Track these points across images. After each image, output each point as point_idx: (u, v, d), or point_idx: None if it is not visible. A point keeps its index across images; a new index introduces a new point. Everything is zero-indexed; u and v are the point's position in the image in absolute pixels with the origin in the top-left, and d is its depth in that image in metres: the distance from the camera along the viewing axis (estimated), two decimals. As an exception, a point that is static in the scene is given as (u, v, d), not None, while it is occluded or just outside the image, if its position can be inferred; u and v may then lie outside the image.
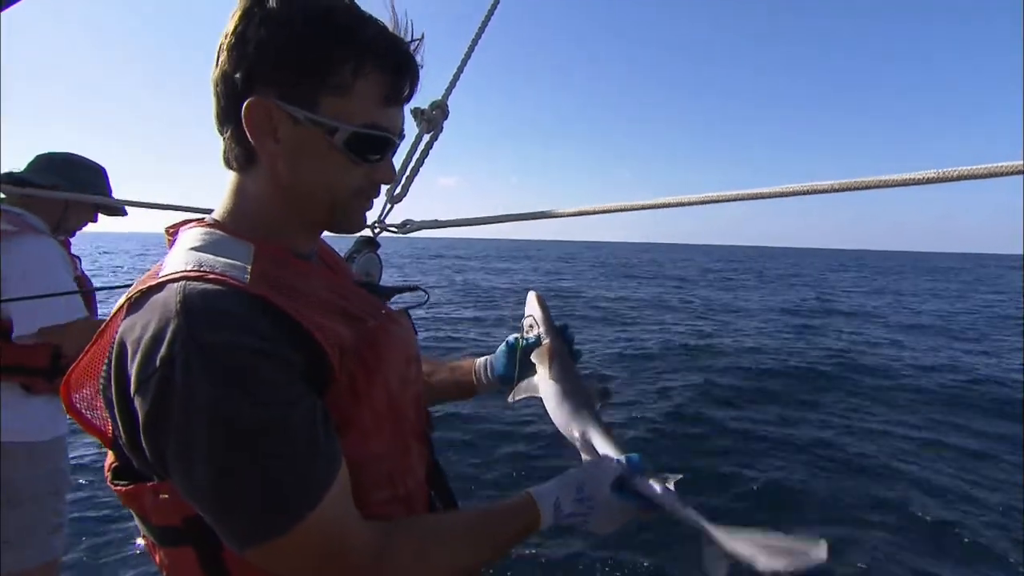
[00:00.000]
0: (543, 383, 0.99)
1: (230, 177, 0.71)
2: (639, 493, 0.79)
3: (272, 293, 0.60)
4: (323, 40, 0.62)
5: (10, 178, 1.74)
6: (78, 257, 1.90)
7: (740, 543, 0.72)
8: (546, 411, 0.98)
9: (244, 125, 0.63)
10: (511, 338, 1.08)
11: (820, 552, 0.68)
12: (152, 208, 1.76)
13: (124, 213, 2.03)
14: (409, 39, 0.68)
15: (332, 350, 0.62)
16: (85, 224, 1.96)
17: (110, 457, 0.66)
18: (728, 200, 0.96)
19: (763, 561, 0.69)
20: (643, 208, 0.98)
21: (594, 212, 1.13)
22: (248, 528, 0.55)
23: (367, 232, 1.28)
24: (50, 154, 1.86)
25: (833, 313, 13.99)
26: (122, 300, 0.62)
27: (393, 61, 0.66)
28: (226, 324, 0.55)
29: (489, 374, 1.07)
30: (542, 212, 1.31)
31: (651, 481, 0.79)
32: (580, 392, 0.97)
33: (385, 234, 1.31)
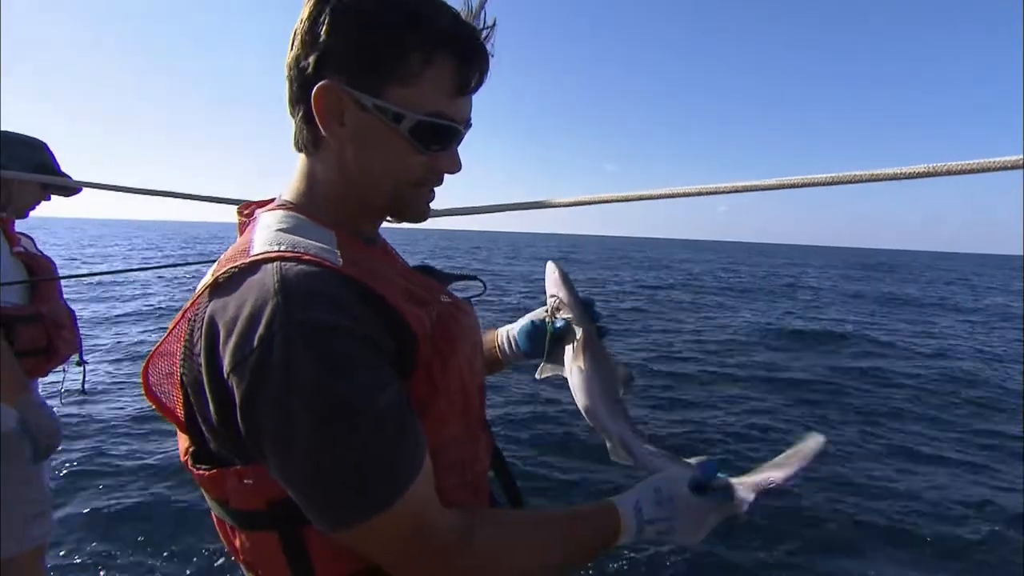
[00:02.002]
0: (573, 371, 0.96)
1: (299, 160, 0.72)
2: (719, 489, 0.77)
3: (367, 277, 0.61)
4: (393, 28, 0.63)
5: None
6: (26, 235, 1.83)
7: (753, 481, 0.78)
8: (571, 390, 0.97)
9: (313, 109, 0.64)
10: (536, 318, 1.03)
11: (819, 442, 0.76)
12: (106, 189, 1.69)
13: (78, 191, 1.89)
14: (481, 26, 0.68)
15: (423, 337, 0.63)
16: (36, 203, 1.85)
17: (185, 441, 0.65)
18: (721, 192, 0.97)
19: (779, 476, 0.76)
20: (636, 199, 1.00)
21: (589, 203, 1.15)
22: (343, 509, 0.55)
23: None
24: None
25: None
26: (208, 280, 0.62)
27: (463, 50, 0.65)
28: (325, 305, 0.56)
29: (514, 347, 1.05)
30: (539, 202, 1.32)
31: (728, 480, 0.79)
32: (610, 383, 0.95)
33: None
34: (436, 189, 0.74)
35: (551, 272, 1.03)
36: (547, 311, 1.02)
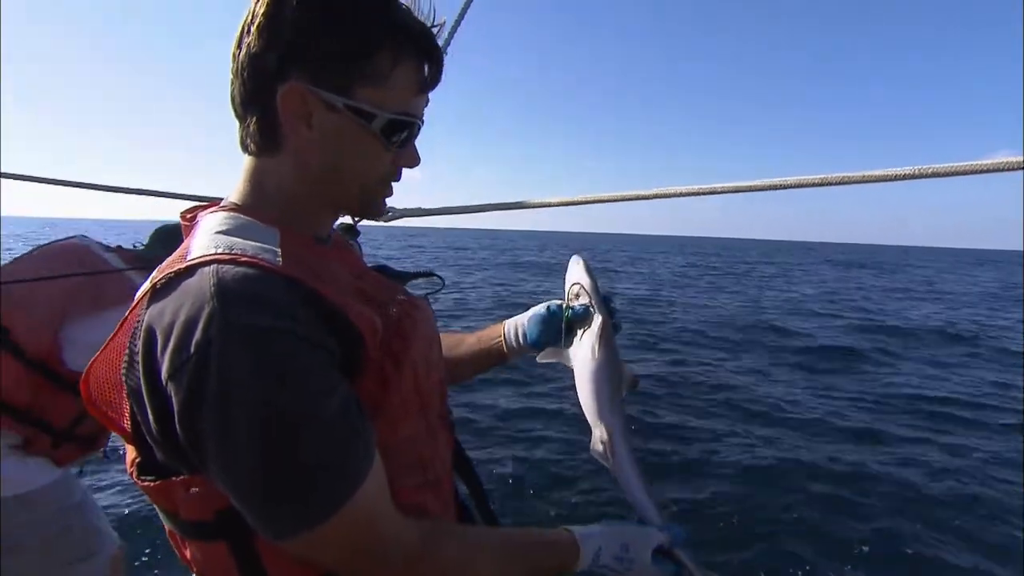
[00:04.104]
0: (582, 361, 0.97)
1: (247, 161, 0.69)
2: (679, 564, 0.84)
3: (308, 277, 0.59)
4: (366, 27, 0.61)
5: (136, 254, 1.70)
6: None
7: None
8: (573, 380, 0.98)
9: (278, 110, 0.62)
10: (553, 304, 1.03)
11: None
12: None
13: None
14: (431, 24, 0.67)
15: (370, 337, 0.62)
16: None
17: (131, 452, 0.63)
18: (712, 193, 0.98)
19: None
20: (628, 199, 1.00)
21: (578, 203, 1.15)
22: (286, 518, 0.54)
23: (347, 219, 1.26)
24: (168, 228, 1.74)
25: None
26: (146, 286, 0.60)
27: (426, 48, 0.66)
28: (263, 308, 0.54)
29: (521, 340, 1.04)
30: (520, 202, 1.31)
31: (686, 554, 0.84)
32: (615, 378, 0.96)
33: (365, 222, 1.29)
34: (417, 188, 0.74)
35: (575, 263, 1.05)
36: (566, 299, 1.03)
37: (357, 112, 0.63)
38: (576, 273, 1.04)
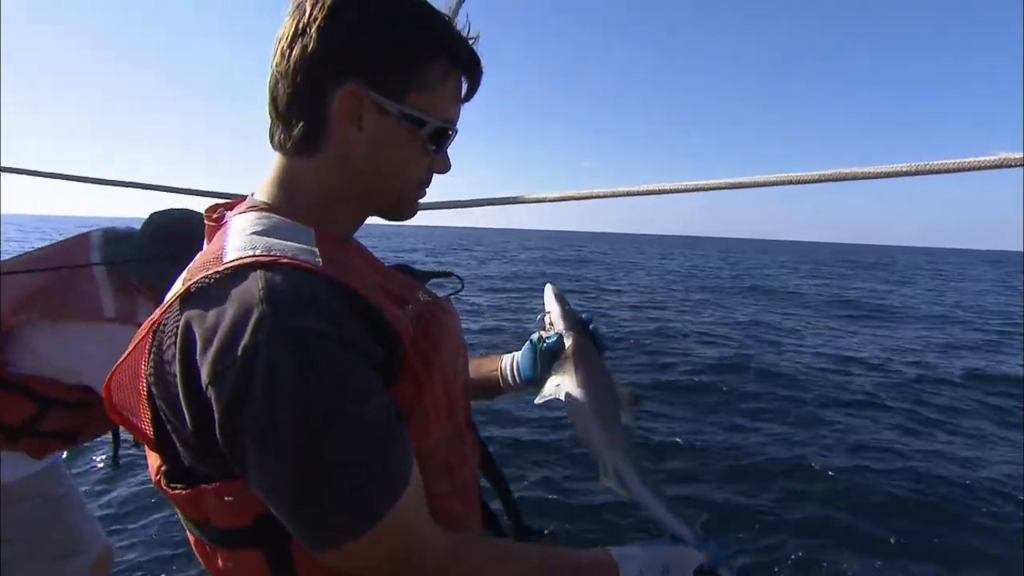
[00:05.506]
0: (567, 389, 0.91)
1: (280, 161, 0.69)
2: None
3: (347, 277, 0.59)
4: (424, 36, 0.64)
5: (114, 236, 1.52)
6: None
7: None
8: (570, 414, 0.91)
9: (330, 111, 0.63)
10: (534, 336, 1.00)
11: None
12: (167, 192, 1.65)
13: None
14: (469, 36, 0.70)
15: (408, 340, 0.62)
16: None
17: (156, 460, 0.62)
18: (703, 189, 0.98)
19: None
20: (625, 195, 1.00)
21: (573, 198, 1.15)
22: (329, 528, 0.53)
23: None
24: (168, 216, 1.50)
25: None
26: (178, 289, 0.58)
27: (470, 60, 0.69)
28: (311, 311, 0.54)
29: (516, 375, 1.00)
30: (514, 198, 1.31)
31: (730, 572, 0.79)
32: (606, 401, 0.90)
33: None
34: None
35: (546, 291, 1.04)
36: (543, 329, 1.00)
37: (409, 118, 0.65)
38: (546, 302, 1.02)
